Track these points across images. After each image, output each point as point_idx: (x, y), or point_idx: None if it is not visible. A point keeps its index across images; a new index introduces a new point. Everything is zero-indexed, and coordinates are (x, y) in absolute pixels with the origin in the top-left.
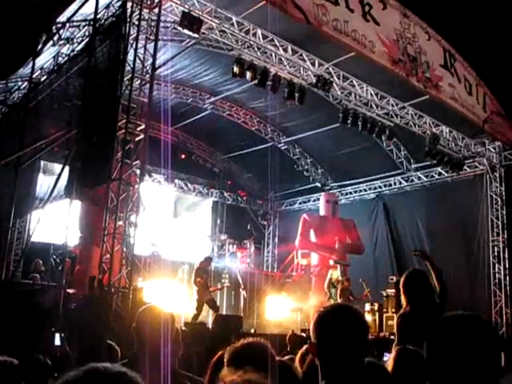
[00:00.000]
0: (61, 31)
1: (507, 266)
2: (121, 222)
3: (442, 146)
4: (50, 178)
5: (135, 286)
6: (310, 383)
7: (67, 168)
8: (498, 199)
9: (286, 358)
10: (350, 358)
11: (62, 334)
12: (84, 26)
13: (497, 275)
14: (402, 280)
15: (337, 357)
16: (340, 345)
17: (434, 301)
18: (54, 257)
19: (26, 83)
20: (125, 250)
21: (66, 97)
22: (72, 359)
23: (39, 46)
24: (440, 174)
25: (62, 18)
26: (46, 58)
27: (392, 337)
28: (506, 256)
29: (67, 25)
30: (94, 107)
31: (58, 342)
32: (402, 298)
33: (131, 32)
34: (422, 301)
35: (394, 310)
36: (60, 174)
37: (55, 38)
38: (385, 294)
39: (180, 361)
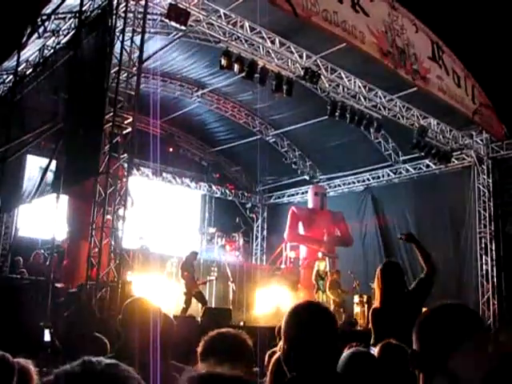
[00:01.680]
0: (46, 23)
1: (494, 257)
2: (109, 216)
3: (430, 138)
4: (37, 172)
5: (124, 280)
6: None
7: (54, 162)
8: (486, 191)
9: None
10: (316, 352)
11: (51, 329)
12: (70, 19)
13: (484, 267)
14: (377, 272)
15: (304, 350)
16: (306, 339)
17: (405, 293)
18: (42, 251)
19: (11, 76)
20: (113, 243)
21: (52, 90)
22: (61, 354)
23: (24, 39)
24: (428, 166)
25: (47, 9)
26: (31, 50)
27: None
28: (493, 247)
29: (52, 17)
30: (81, 100)
31: (47, 336)
32: (377, 290)
33: (118, 24)
34: (395, 294)
35: None
36: (47, 168)
37: (40, 30)
38: (373, 286)
39: (174, 352)
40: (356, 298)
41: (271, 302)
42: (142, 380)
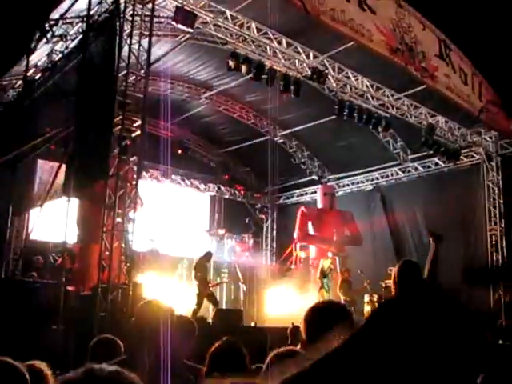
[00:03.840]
0: (54, 28)
1: (505, 254)
2: (119, 219)
3: (439, 136)
4: (48, 175)
5: (135, 282)
6: None
7: (64, 166)
8: (495, 188)
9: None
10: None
11: (63, 332)
12: (77, 23)
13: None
14: (393, 272)
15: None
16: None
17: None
18: (53, 254)
19: (20, 81)
20: (123, 246)
21: (61, 94)
22: (73, 356)
23: (32, 44)
24: (437, 164)
25: (55, 14)
26: (39, 55)
27: None
28: (504, 245)
29: (60, 22)
30: (90, 104)
31: (59, 339)
32: (393, 290)
33: (125, 28)
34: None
35: None
36: (57, 172)
37: (48, 35)
38: (384, 285)
39: (192, 353)
40: (366, 298)
41: (282, 303)
42: None
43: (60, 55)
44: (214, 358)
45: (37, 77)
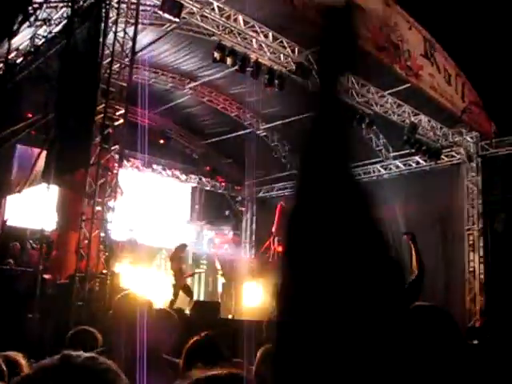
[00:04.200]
0: (37, 12)
1: (482, 254)
2: (99, 208)
3: (421, 135)
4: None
5: (113, 272)
6: None
7: (45, 152)
8: (475, 188)
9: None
10: None
11: (39, 321)
12: (62, 8)
13: (471, 263)
14: None
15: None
16: None
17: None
18: (31, 241)
19: (1, 64)
20: (103, 235)
21: (43, 79)
22: (49, 345)
23: (15, 27)
24: (418, 162)
25: None
26: (22, 39)
27: None
28: (481, 245)
29: (44, 5)
30: (73, 91)
31: (35, 328)
32: None
33: (111, 15)
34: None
35: None
36: (37, 159)
37: (32, 18)
38: None
39: (172, 347)
40: None
41: (260, 296)
42: (122, 373)
43: (43, 40)
44: (191, 353)
45: (18, 60)
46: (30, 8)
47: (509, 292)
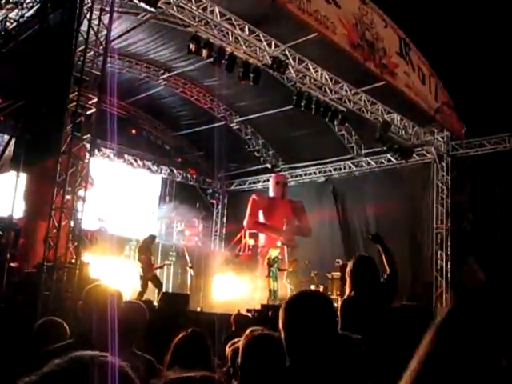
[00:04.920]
0: None
1: (449, 253)
2: (69, 197)
3: (393, 133)
4: None
5: (81, 262)
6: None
7: (14, 139)
8: (444, 188)
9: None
10: (316, 342)
11: (5, 310)
12: None
13: (439, 262)
14: (349, 266)
15: (304, 341)
16: (308, 331)
17: (378, 287)
18: None
19: None
20: (72, 224)
21: (14, 64)
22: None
23: None
24: (389, 160)
25: None
26: None
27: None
28: (449, 243)
29: None
30: (45, 77)
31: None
32: (347, 283)
33: (86, 1)
34: (368, 287)
35: (338, 293)
36: (6, 146)
37: (2, 1)
38: (330, 277)
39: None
40: (312, 288)
41: (228, 289)
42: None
43: (14, 24)
44: (178, 349)
45: None
46: None
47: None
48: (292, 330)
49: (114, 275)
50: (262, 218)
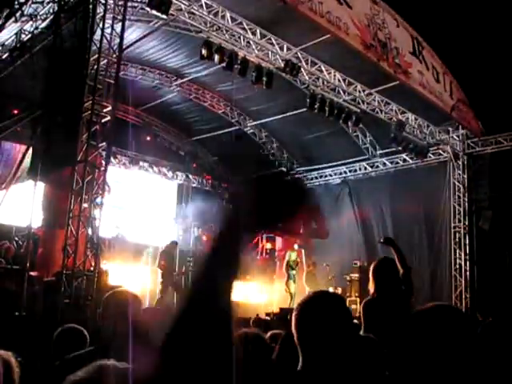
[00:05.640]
0: (23, 7)
1: (468, 251)
2: (86, 205)
3: (408, 132)
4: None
5: (100, 269)
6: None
7: (31, 149)
8: (461, 186)
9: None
10: (331, 346)
11: (26, 319)
12: (48, 3)
13: (457, 261)
14: (372, 266)
15: (319, 345)
16: (323, 334)
17: (400, 289)
18: (17, 239)
19: None
20: (90, 232)
21: (29, 75)
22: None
23: (0, 22)
24: (405, 160)
25: None
26: (7, 34)
27: (355, 321)
28: (467, 242)
29: (30, 1)
30: (59, 87)
31: (22, 326)
32: (371, 284)
33: (98, 11)
34: (390, 288)
35: (357, 295)
36: (24, 155)
37: (17, 14)
38: (348, 279)
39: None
40: (331, 290)
41: (247, 293)
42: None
43: (29, 35)
44: None
45: (4, 56)
46: (16, 3)
47: (494, 289)
48: (303, 332)
49: (132, 282)
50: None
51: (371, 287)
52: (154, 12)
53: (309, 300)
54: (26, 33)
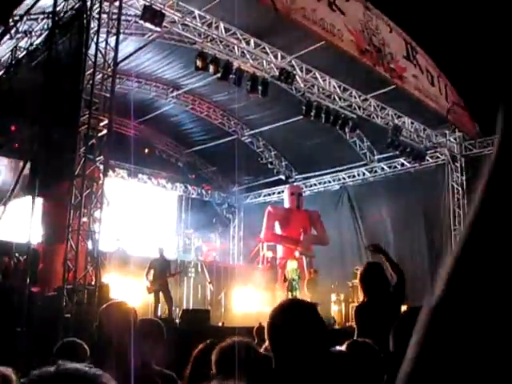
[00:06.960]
0: (18, 24)
1: None
2: (85, 219)
3: (405, 137)
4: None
5: (101, 283)
6: None
7: (29, 164)
8: (459, 188)
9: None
10: (299, 355)
11: (28, 334)
12: (43, 19)
13: None
14: (358, 273)
15: (288, 353)
16: (291, 343)
17: (389, 292)
18: (17, 255)
19: None
20: (90, 246)
21: (25, 91)
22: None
23: None
24: (403, 164)
25: (20, 10)
26: (2, 51)
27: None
28: None
29: (25, 17)
30: (56, 102)
31: (23, 342)
32: (360, 290)
33: (92, 25)
34: (377, 292)
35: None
36: (22, 171)
37: (12, 31)
38: (350, 285)
39: (161, 357)
40: (333, 297)
41: (249, 302)
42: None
43: (24, 52)
44: (197, 361)
45: (0, 73)
46: (11, 20)
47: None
48: (274, 340)
49: (134, 295)
50: (278, 230)
51: (360, 293)
52: (148, 25)
53: (279, 309)
54: (22, 49)
